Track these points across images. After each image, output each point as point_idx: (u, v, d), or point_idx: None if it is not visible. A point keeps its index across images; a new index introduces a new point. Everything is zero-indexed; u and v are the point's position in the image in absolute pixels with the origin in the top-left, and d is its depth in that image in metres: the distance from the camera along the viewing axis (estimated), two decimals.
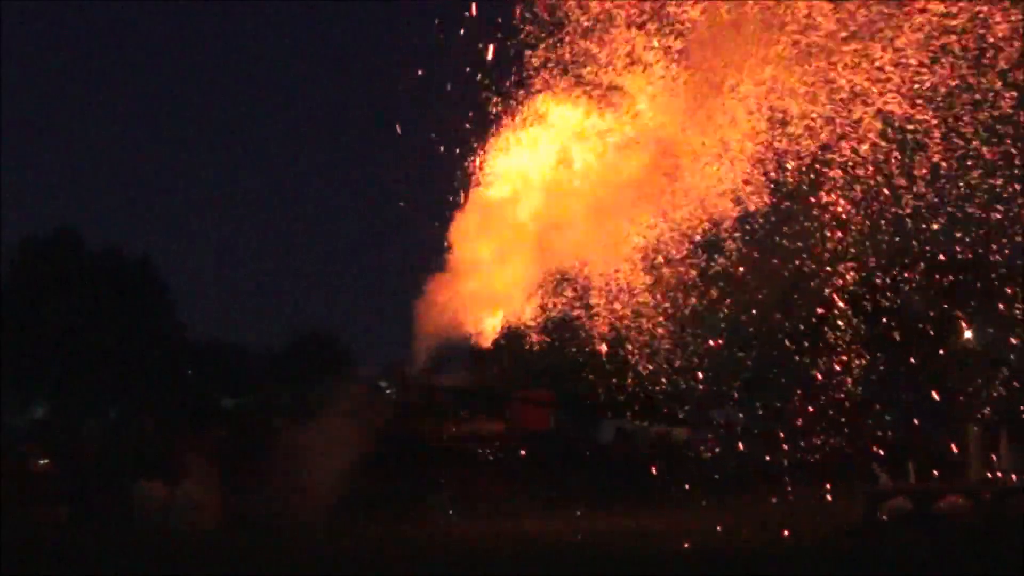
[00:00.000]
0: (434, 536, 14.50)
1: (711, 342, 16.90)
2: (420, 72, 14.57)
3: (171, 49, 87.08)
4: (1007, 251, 14.53)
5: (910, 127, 13.21)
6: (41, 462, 19.24)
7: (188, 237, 77.77)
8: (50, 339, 39.31)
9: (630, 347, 16.08)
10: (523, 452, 19.36)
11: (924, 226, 13.87)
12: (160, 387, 37.92)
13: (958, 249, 14.51)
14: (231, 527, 15.49)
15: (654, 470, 19.89)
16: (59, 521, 16.35)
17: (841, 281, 15.19)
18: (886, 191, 13.85)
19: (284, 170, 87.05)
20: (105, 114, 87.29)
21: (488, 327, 16.97)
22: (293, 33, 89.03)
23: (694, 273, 15.17)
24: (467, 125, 15.09)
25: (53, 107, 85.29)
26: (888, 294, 16.46)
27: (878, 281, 16.02)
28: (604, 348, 16.14)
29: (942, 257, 15.58)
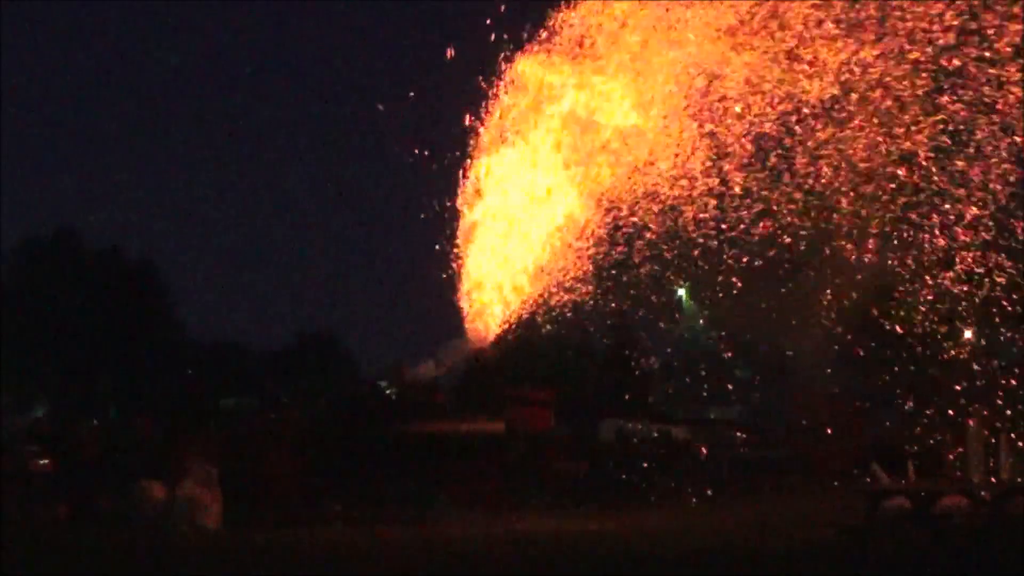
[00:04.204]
0: (434, 536, 14.49)
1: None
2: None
3: (172, 49, 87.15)
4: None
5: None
6: (41, 462, 19.22)
7: (189, 237, 77.78)
8: (50, 339, 39.31)
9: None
10: (523, 452, 19.37)
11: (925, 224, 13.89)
12: (160, 387, 37.94)
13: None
14: (231, 527, 15.49)
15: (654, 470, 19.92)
16: (59, 521, 16.34)
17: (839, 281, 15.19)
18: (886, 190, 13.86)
19: (284, 170, 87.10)
20: (105, 114, 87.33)
21: (490, 323, 16.99)
22: (294, 34, 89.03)
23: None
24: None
25: (53, 107, 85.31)
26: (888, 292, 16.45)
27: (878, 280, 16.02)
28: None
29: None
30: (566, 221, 16.55)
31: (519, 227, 17.14)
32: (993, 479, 14.43)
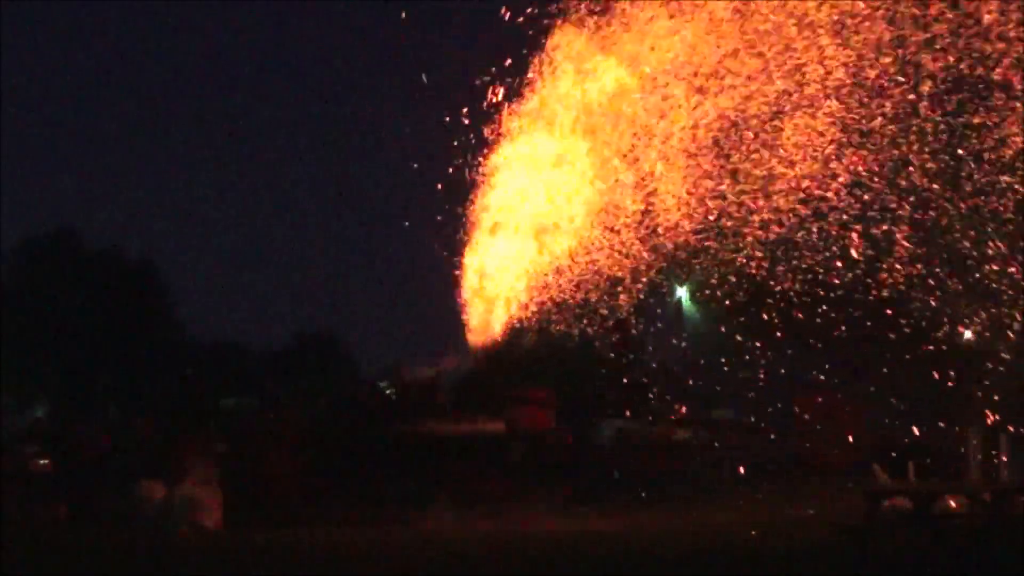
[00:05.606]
0: (434, 536, 14.49)
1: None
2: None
3: (172, 49, 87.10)
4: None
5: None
6: (41, 462, 19.22)
7: (189, 237, 77.77)
8: (50, 339, 39.32)
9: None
10: (523, 452, 19.37)
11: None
12: (160, 387, 37.92)
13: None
14: (231, 527, 15.49)
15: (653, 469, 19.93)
16: (59, 521, 16.35)
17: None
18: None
19: (284, 170, 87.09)
20: (105, 114, 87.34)
21: (491, 322, 16.96)
22: (294, 34, 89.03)
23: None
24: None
25: (53, 107, 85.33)
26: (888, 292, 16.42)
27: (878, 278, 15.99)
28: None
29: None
30: (569, 220, 16.53)
31: (521, 227, 17.12)
32: (992, 477, 14.45)
